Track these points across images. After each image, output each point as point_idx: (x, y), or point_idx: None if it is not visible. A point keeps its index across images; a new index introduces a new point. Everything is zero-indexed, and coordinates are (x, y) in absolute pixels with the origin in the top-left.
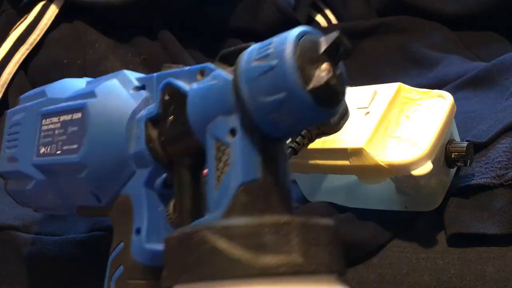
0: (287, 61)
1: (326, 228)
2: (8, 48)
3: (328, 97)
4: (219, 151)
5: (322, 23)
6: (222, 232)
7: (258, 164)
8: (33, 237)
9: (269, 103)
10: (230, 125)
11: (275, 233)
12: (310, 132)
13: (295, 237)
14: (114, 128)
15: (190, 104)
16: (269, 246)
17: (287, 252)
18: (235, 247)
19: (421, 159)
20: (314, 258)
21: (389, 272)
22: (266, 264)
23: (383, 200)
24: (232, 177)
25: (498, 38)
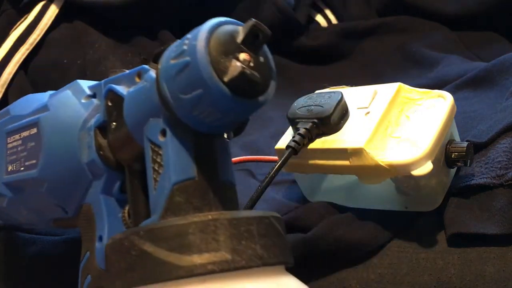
0: (200, 56)
1: (260, 220)
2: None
3: (246, 87)
4: (154, 152)
5: (322, 23)
6: (148, 236)
7: (192, 162)
8: (33, 237)
9: (189, 100)
10: (160, 126)
11: (201, 232)
12: (310, 132)
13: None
14: (66, 139)
15: (126, 108)
16: (195, 245)
17: (214, 249)
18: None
19: (421, 159)
20: (244, 253)
21: (389, 272)
22: (192, 264)
23: (383, 200)
24: (166, 178)
25: (498, 38)
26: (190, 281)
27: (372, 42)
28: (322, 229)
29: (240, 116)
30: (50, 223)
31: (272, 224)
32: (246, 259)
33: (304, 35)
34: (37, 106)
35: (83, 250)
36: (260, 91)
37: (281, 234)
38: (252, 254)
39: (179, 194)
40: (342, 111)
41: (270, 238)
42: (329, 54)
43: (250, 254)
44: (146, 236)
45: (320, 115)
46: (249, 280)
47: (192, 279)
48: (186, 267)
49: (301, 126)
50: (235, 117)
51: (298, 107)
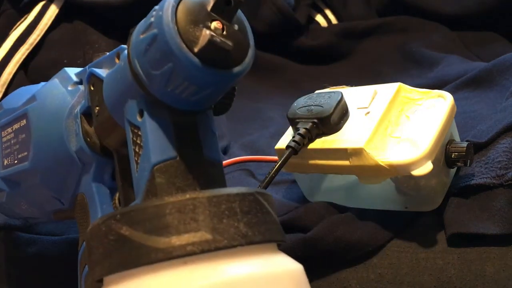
0: (166, 26)
1: (243, 197)
2: (8, 48)
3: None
4: (134, 134)
5: (322, 23)
6: (124, 220)
7: (172, 141)
8: (33, 237)
9: (161, 75)
10: (137, 106)
11: (178, 212)
12: (310, 132)
13: (202, 212)
14: (54, 128)
15: (105, 91)
16: (173, 226)
17: (194, 229)
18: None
19: (421, 159)
20: (226, 232)
21: (389, 272)
22: (170, 246)
23: (383, 200)
24: (146, 159)
25: (498, 38)
26: (169, 264)
27: (372, 42)
28: (322, 229)
29: (217, 88)
30: (50, 215)
31: (257, 200)
32: (228, 238)
33: (304, 35)
34: (26, 98)
35: (80, 240)
36: (235, 61)
37: (268, 211)
38: (234, 232)
39: (160, 175)
40: (342, 111)
41: (255, 215)
42: (329, 54)
43: (233, 233)
44: (123, 220)
45: (320, 115)
46: (233, 260)
47: (172, 261)
48: (165, 250)
49: (301, 126)
50: (212, 90)
51: (298, 107)
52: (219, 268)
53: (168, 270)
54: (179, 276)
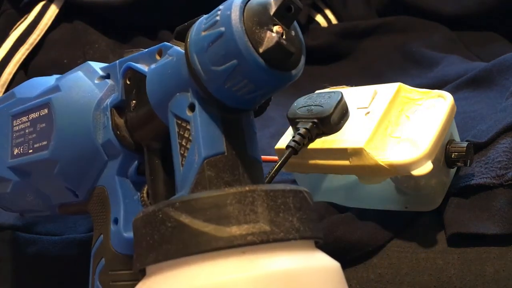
0: (235, 25)
1: (295, 193)
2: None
3: (281, 59)
4: (181, 128)
5: (322, 23)
6: (184, 207)
7: (221, 137)
8: (33, 237)
9: (222, 72)
10: (188, 100)
11: (238, 203)
12: (310, 132)
13: (261, 205)
14: (80, 119)
15: (149, 84)
16: (234, 216)
17: (253, 221)
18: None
19: (421, 159)
20: (282, 225)
21: (389, 272)
22: (231, 235)
23: (383, 200)
24: (195, 152)
25: (498, 38)
26: (229, 252)
27: (372, 42)
28: (322, 229)
29: (272, 89)
30: (55, 208)
31: (306, 198)
32: (284, 231)
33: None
34: (46, 88)
35: (95, 234)
36: (293, 64)
37: (313, 209)
38: (289, 226)
39: (210, 169)
40: (342, 111)
41: (304, 211)
42: (329, 54)
43: (288, 227)
44: (182, 208)
45: (320, 115)
46: (287, 253)
47: (231, 250)
48: (225, 238)
49: (301, 126)
50: (267, 90)
51: (298, 107)
52: (275, 259)
53: (227, 258)
54: (238, 264)
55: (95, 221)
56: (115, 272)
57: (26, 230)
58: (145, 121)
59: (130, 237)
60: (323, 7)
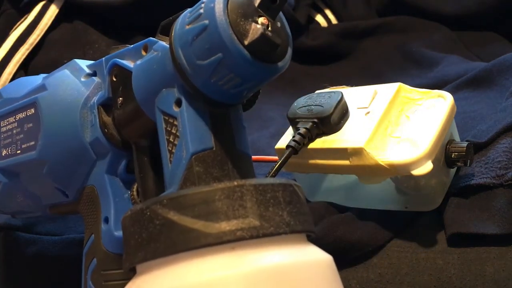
0: (219, 18)
1: (285, 187)
2: (8, 48)
3: (267, 51)
4: (168, 124)
5: (322, 23)
6: (172, 204)
7: (209, 132)
8: (33, 237)
9: (208, 66)
10: (174, 95)
11: (227, 198)
12: (310, 131)
13: (250, 199)
14: (67, 118)
15: (135, 80)
16: (222, 211)
17: (242, 216)
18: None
19: (421, 159)
20: (272, 220)
21: (389, 272)
22: (220, 231)
23: (383, 200)
24: (183, 148)
25: (498, 38)
26: (219, 248)
27: (372, 42)
28: (322, 229)
29: (259, 82)
30: (46, 209)
31: (296, 192)
32: (275, 225)
33: (304, 35)
34: (33, 87)
35: (86, 234)
36: (279, 56)
37: (303, 203)
38: (279, 220)
39: (198, 164)
40: (342, 111)
41: (295, 205)
42: (329, 54)
43: (278, 221)
44: (170, 205)
45: (320, 114)
46: (278, 247)
47: (221, 246)
48: (215, 234)
49: (301, 125)
50: (253, 83)
51: (298, 107)
52: (266, 254)
53: (216, 255)
54: (228, 260)
55: (86, 221)
56: (107, 272)
57: (26, 230)
58: (132, 118)
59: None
60: (323, 7)
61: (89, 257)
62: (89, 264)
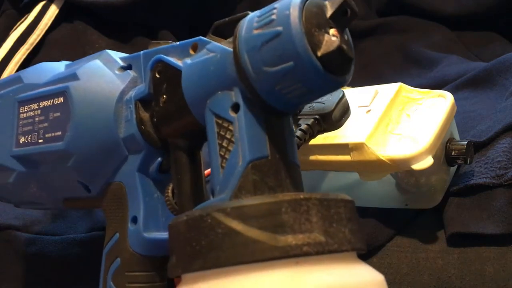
0: (294, 26)
1: (346, 203)
2: (8, 48)
3: (339, 63)
4: (221, 128)
5: None
6: (236, 213)
7: (265, 139)
8: (33, 237)
9: (275, 73)
10: (232, 100)
11: (293, 211)
12: (312, 128)
13: (315, 214)
14: (101, 111)
15: (186, 80)
16: (289, 225)
17: (308, 230)
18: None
19: (422, 153)
20: (336, 236)
21: (389, 272)
22: (287, 245)
23: (384, 198)
24: (239, 155)
25: (498, 38)
26: (283, 262)
27: (372, 42)
28: None
29: (324, 93)
30: (59, 202)
31: (354, 208)
32: (338, 242)
33: None
34: (60, 75)
35: (109, 232)
36: (348, 68)
37: (358, 220)
38: (342, 237)
39: (255, 173)
40: (344, 108)
41: (354, 222)
42: None
43: (341, 238)
44: (234, 214)
45: (321, 111)
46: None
47: (286, 260)
48: (281, 248)
49: (302, 122)
50: (318, 95)
51: None
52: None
53: (281, 269)
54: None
55: (109, 218)
56: (132, 273)
57: (26, 230)
58: (175, 117)
59: (151, 238)
60: None
61: (111, 257)
62: (110, 264)
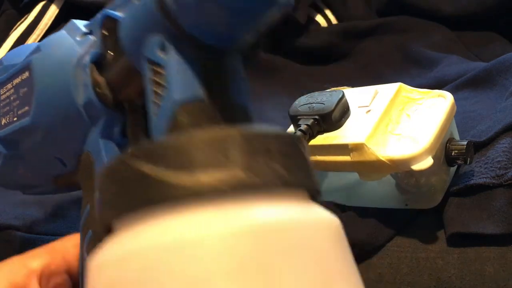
0: None
1: (280, 138)
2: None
3: None
4: (154, 73)
5: (322, 23)
6: (145, 156)
7: (198, 80)
8: (33, 236)
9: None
10: (161, 40)
11: (207, 147)
12: (311, 128)
13: (236, 149)
14: (60, 79)
15: (122, 30)
16: (201, 162)
17: (224, 166)
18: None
19: (422, 154)
20: (261, 172)
21: (389, 272)
22: (198, 183)
23: (384, 198)
24: (169, 98)
25: (498, 38)
26: (196, 202)
27: (372, 42)
28: None
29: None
30: (50, 182)
31: (295, 144)
32: (263, 177)
33: (304, 35)
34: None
35: (83, 205)
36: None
37: (306, 158)
38: (270, 172)
39: (184, 115)
40: (343, 108)
41: (292, 159)
42: (329, 54)
43: (268, 173)
44: (143, 156)
45: (321, 112)
46: (268, 202)
47: (200, 199)
48: (191, 187)
49: (302, 122)
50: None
51: (299, 105)
52: (252, 209)
53: (194, 209)
54: (206, 216)
55: (84, 191)
56: None
57: (26, 230)
58: (123, 74)
59: None
60: (323, 7)
61: (85, 230)
62: (85, 236)
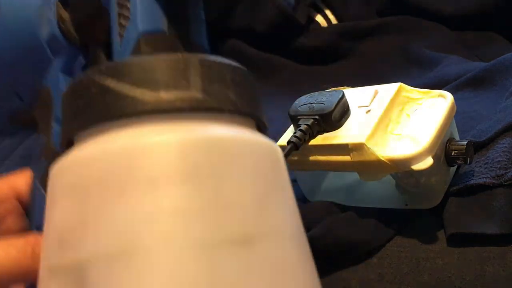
0: None
1: (234, 68)
2: None
3: None
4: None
5: (322, 23)
6: (110, 72)
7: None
8: None
9: None
10: None
11: (169, 68)
12: (311, 128)
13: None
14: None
15: None
16: (163, 81)
17: (184, 87)
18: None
19: (422, 154)
20: (217, 96)
21: (389, 272)
22: (158, 99)
23: (384, 199)
24: (133, 28)
25: (498, 38)
26: (156, 117)
27: (372, 42)
28: (322, 229)
29: None
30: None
31: (247, 76)
32: (218, 101)
33: (304, 35)
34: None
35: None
36: None
37: (256, 90)
38: (224, 98)
39: (146, 45)
40: (343, 108)
41: (244, 88)
42: (329, 54)
43: (223, 98)
44: (109, 72)
45: (321, 111)
46: (220, 123)
47: (159, 115)
48: (152, 102)
49: (302, 122)
50: None
51: (299, 105)
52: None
53: (153, 123)
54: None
55: (40, 127)
56: None
57: None
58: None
59: None
60: (323, 7)
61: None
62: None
